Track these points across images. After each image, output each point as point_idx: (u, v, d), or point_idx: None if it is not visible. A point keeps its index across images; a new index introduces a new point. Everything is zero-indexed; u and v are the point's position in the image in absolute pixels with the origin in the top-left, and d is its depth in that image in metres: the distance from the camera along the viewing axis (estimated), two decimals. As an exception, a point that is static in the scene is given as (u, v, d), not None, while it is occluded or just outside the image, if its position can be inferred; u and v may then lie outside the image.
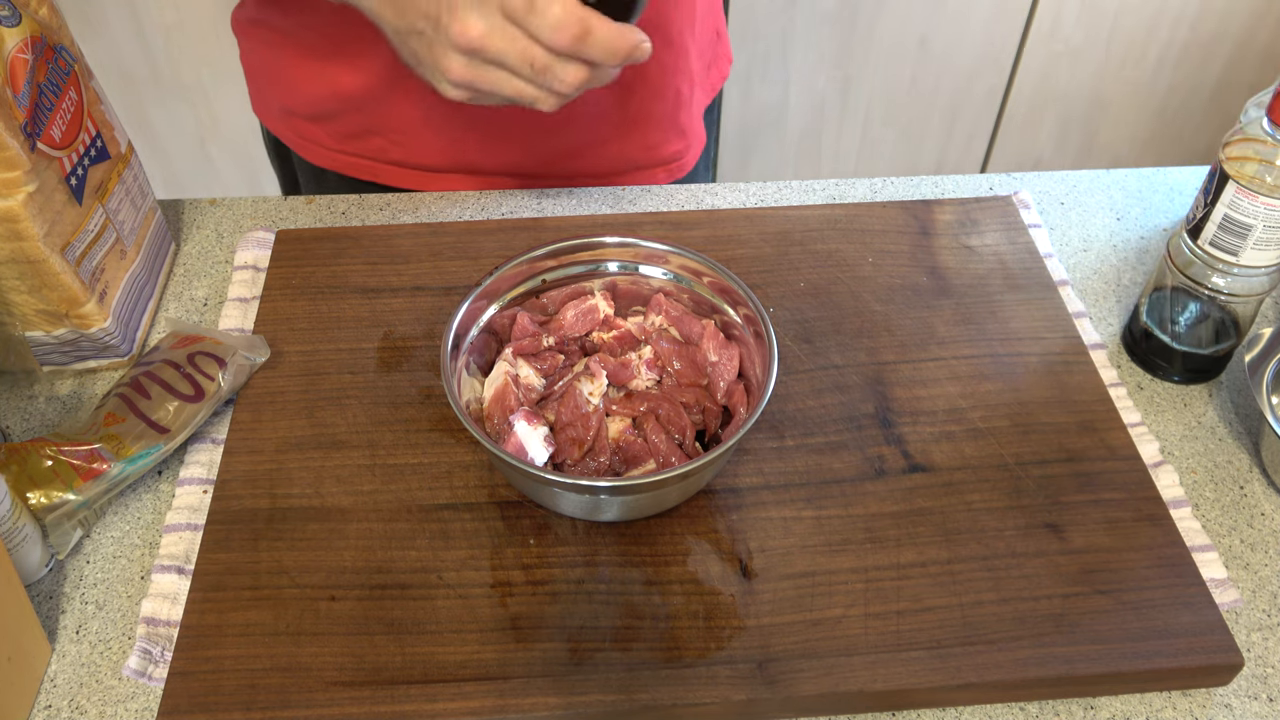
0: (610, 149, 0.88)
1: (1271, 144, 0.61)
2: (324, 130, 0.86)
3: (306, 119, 0.86)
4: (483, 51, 0.60)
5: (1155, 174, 0.88)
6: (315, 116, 0.86)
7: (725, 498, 0.63)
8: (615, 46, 0.60)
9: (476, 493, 0.63)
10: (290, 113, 0.87)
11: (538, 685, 0.55)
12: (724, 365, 0.65)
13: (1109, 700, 0.57)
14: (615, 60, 0.60)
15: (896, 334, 0.72)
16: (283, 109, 0.88)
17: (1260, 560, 0.63)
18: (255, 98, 0.92)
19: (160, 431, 0.63)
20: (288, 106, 0.87)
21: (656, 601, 0.58)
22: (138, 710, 0.56)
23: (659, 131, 0.89)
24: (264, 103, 0.91)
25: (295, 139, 0.89)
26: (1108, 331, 0.76)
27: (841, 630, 0.57)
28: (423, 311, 0.73)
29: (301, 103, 0.85)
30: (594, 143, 0.87)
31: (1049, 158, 1.88)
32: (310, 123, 0.87)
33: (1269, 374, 0.67)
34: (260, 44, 0.86)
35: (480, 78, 0.62)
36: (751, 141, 1.80)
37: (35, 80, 0.62)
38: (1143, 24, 1.69)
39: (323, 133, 0.86)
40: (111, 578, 0.61)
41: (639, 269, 0.69)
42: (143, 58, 1.59)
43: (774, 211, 0.81)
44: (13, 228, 0.61)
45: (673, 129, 0.90)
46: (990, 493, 0.63)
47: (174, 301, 0.77)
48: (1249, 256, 0.64)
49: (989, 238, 0.79)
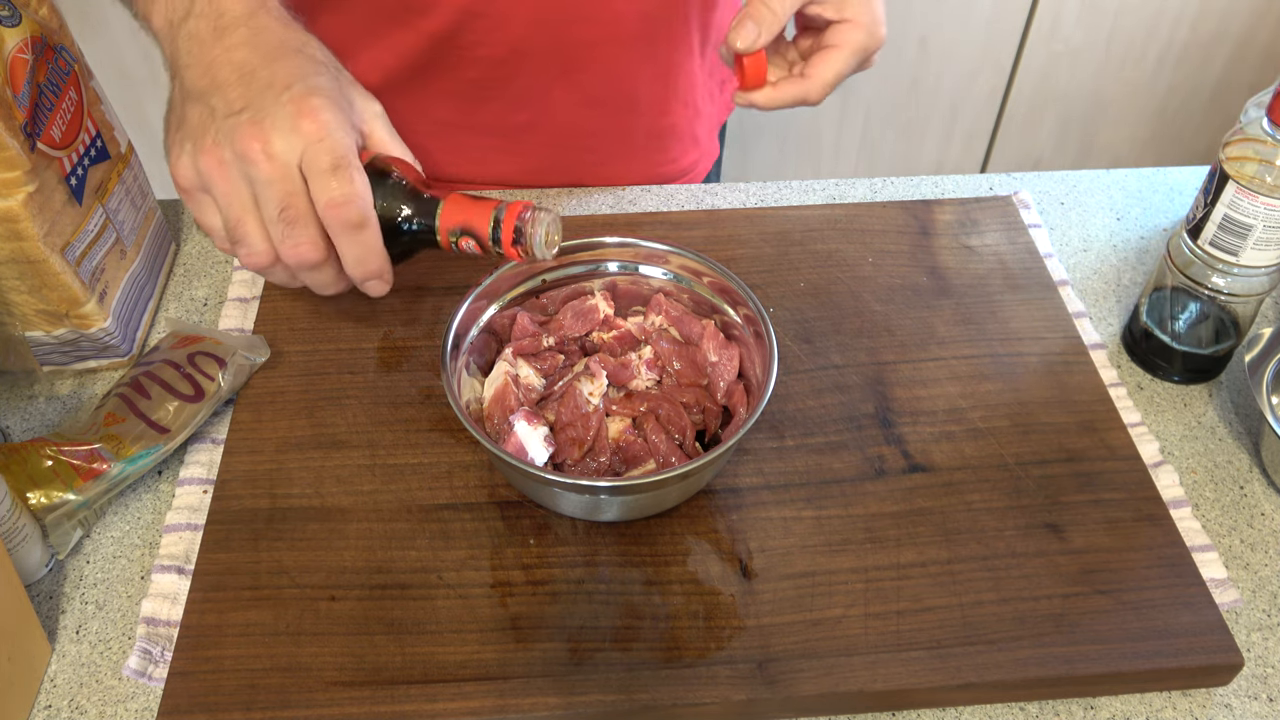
0: (618, 166, 0.88)
1: (1271, 144, 0.61)
2: None
3: None
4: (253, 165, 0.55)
5: (1155, 174, 0.88)
6: None
7: (725, 498, 0.63)
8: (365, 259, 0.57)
9: (476, 493, 0.63)
10: None
11: (538, 685, 0.55)
12: (724, 365, 0.65)
13: (1109, 700, 0.57)
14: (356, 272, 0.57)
15: (896, 334, 0.72)
16: None
17: (1260, 560, 0.63)
18: None
19: (160, 431, 0.63)
20: None
21: (656, 601, 0.58)
22: (138, 710, 0.56)
23: (667, 149, 0.89)
24: None
25: None
26: (1108, 331, 0.76)
27: (841, 630, 0.57)
28: (423, 311, 0.73)
29: None
30: (604, 160, 0.87)
31: (1049, 158, 1.88)
32: None
33: (1269, 374, 0.67)
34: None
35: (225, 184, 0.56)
36: (751, 141, 1.80)
37: (35, 80, 0.62)
38: (1143, 24, 1.69)
39: None
40: (111, 578, 0.61)
41: (639, 269, 0.69)
42: (143, 58, 1.59)
43: (774, 211, 0.81)
44: (13, 228, 0.61)
45: (681, 144, 0.90)
46: (990, 493, 0.63)
47: (174, 301, 0.77)
48: (1249, 256, 0.64)
49: (989, 238, 0.79)
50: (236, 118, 0.55)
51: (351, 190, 0.55)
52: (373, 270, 0.58)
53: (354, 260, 0.57)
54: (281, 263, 0.58)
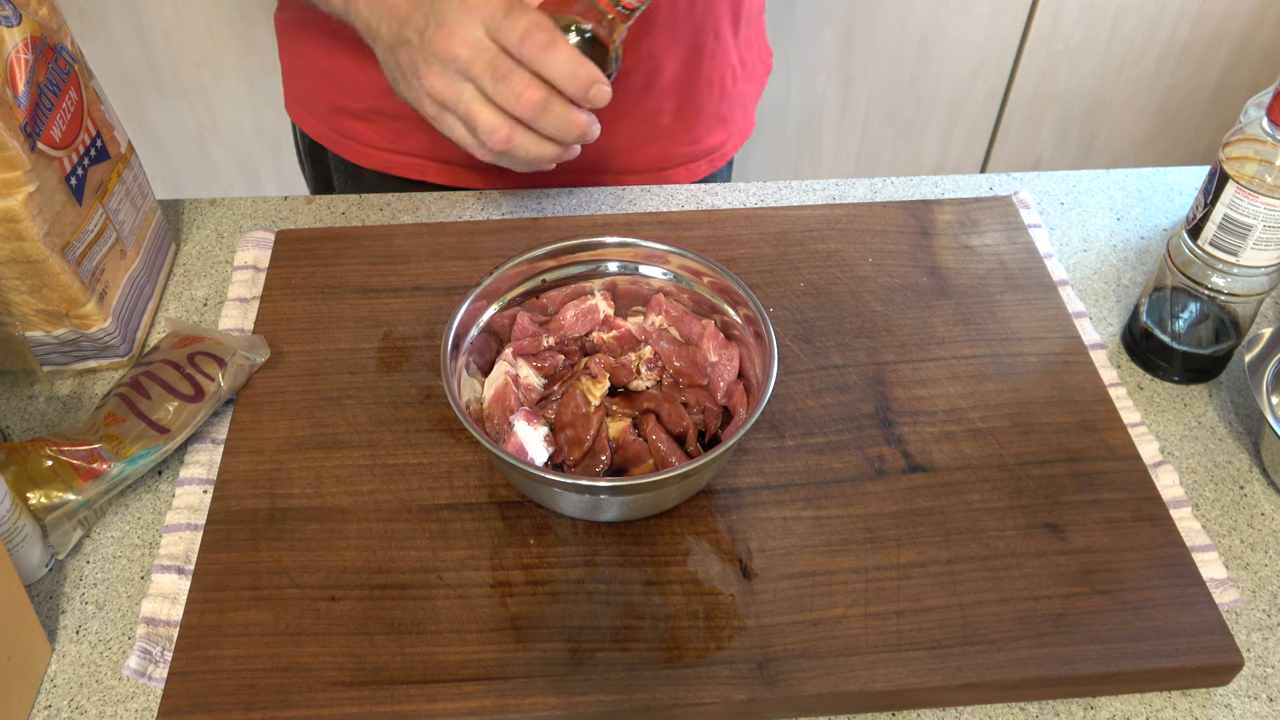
0: (658, 147, 0.89)
1: (1271, 144, 0.61)
2: (374, 129, 0.86)
3: (356, 117, 0.86)
4: (456, 60, 0.62)
5: (1155, 174, 0.88)
6: (367, 114, 0.86)
7: (725, 498, 0.63)
8: (576, 70, 0.62)
9: (476, 493, 0.63)
10: (339, 111, 0.87)
11: (538, 685, 0.55)
12: (724, 365, 0.65)
13: (1109, 700, 0.57)
14: (574, 86, 0.62)
15: (896, 334, 0.72)
16: (331, 108, 0.87)
17: (1260, 560, 0.63)
18: (293, 98, 0.91)
19: (160, 431, 0.63)
20: (338, 105, 0.87)
21: (656, 601, 0.58)
22: (138, 710, 0.56)
23: (703, 124, 0.90)
24: (306, 102, 0.90)
25: (337, 139, 0.89)
26: (1108, 331, 0.76)
27: (841, 630, 0.57)
28: (423, 311, 0.73)
29: (354, 101, 0.85)
30: (642, 141, 0.88)
31: (1049, 158, 1.88)
32: (359, 121, 0.86)
33: (1269, 374, 0.67)
34: (309, 44, 0.86)
35: (449, 90, 0.64)
36: (751, 141, 1.80)
37: (35, 80, 0.62)
38: (1143, 24, 1.69)
39: (372, 131, 0.86)
40: (111, 578, 0.61)
41: (639, 269, 0.69)
42: (143, 58, 1.59)
43: (774, 211, 0.81)
44: (13, 228, 0.61)
45: (715, 120, 0.91)
46: (990, 493, 0.63)
47: (174, 301, 0.77)
48: (1249, 256, 0.64)
49: (989, 238, 0.79)
50: (427, 34, 0.63)
51: (530, 19, 0.61)
52: (586, 76, 0.62)
53: (567, 76, 0.62)
54: (521, 126, 0.64)
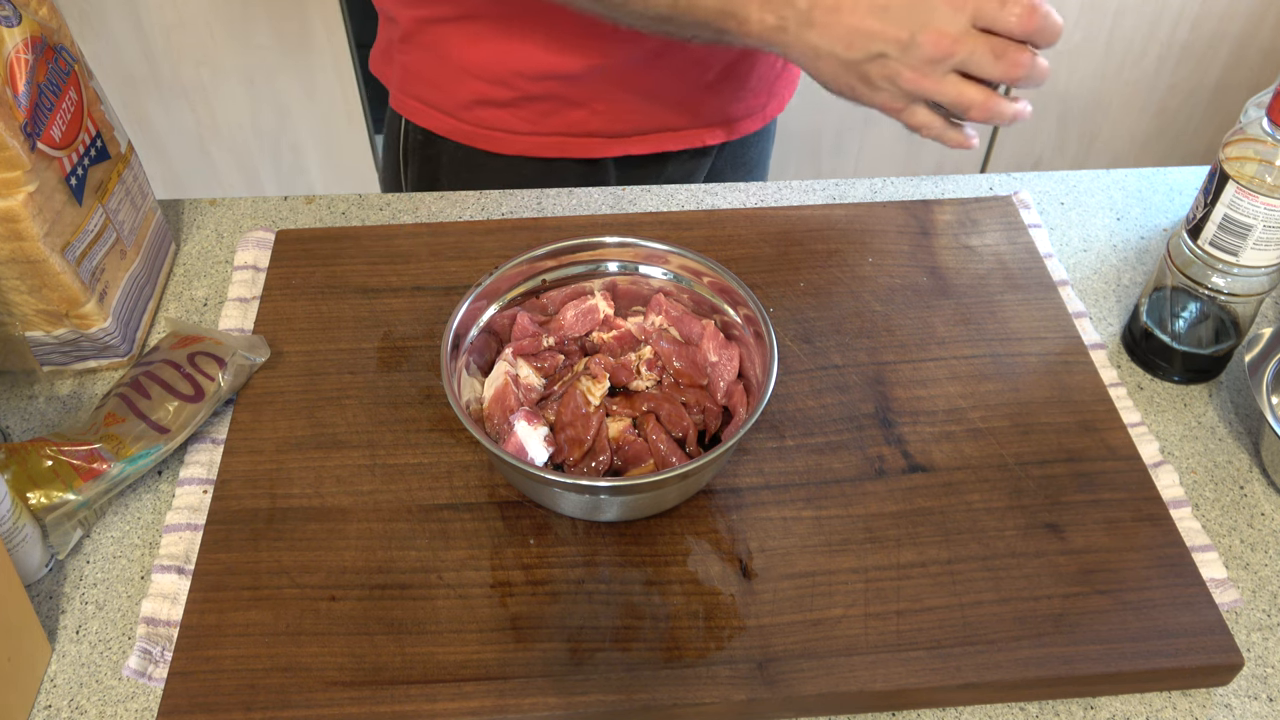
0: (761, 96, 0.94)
1: (1271, 144, 0.61)
2: (518, 115, 0.87)
3: (500, 106, 0.87)
4: (952, 56, 0.65)
5: (1155, 174, 0.88)
6: (514, 102, 0.86)
7: (725, 498, 0.63)
8: (1043, 24, 0.65)
9: (476, 493, 0.63)
10: (482, 104, 0.87)
11: (538, 685, 0.55)
12: (724, 365, 0.65)
13: (1109, 700, 0.57)
14: (1055, 36, 0.66)
15: (896, 334, 0.72)
16: (473, 101, 0.87)
17: (1260, 560, 0.63)
18: (415, 96, 0.91)
19: (160, 431, 0.63)
20: (482, 98, 0.87)
21: (656, 601, 0.58)
22: (138, 710, 0.56)
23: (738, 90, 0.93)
24: (436, 100, 0.90)
25: (474, 131, 0.89)
26: (1108, 331, 0.76)
27: (841, 630, 0.57)
28: (423, 311, 0.73)
29: (504, 90, 0.85)
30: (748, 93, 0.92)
31: (1049, 158, 1.88)
32: (504, 110, 0.87)
33: (1269, 374, 0.67)
34: (455, 42, 0.85)
35: (936, 85, 0.67)
36: (751, 141, 1.80)
37: (35, 80, 0.62)
38: (1143, 24, 1.69)
39: (515, 118, 0.87)
40: (111, 578, 0.61)
41: (639, 269, 0.69)
42: (143, 58, 1.59)
43: (774, 211, 0.81)
44: (13, 228, 0.61)
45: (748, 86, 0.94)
46: (990, 493, 0.63)
47: (174, 301, 0.77)
48: (1249, 256, 0.64)
49: (989, 238, 0.79)
50: (910, 44, 0.65)
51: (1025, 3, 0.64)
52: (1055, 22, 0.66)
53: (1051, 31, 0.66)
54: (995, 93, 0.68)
